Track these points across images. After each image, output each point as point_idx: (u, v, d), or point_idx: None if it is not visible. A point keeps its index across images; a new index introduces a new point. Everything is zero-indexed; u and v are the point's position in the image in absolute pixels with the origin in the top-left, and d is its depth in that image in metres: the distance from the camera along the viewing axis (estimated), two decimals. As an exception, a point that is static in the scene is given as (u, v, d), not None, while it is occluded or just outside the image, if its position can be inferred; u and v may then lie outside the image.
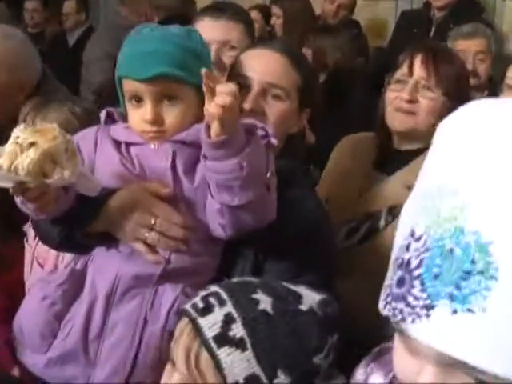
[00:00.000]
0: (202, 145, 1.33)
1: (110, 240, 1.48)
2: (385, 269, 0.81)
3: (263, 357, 1.01)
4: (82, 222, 1.45)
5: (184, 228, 1.45)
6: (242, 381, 1.01)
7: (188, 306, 1.09)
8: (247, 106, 1.57)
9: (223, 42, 2.03)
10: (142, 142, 1.49)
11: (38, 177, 1.28)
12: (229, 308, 1.05)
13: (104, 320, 1.46)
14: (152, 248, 1.45)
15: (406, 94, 1.94)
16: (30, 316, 1.51)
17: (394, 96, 1.99)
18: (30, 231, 1.89)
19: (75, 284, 1.50)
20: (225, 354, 1.02)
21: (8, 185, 1.31)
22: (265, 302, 1.05)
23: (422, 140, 1.93)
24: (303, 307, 1.06)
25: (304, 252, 1.50)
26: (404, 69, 2.00)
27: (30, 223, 1.78)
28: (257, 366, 1.01)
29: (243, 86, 1.58)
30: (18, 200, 1.39)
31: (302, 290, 1.10)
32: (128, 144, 1.50)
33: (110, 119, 1.55)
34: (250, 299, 1.05)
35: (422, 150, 1.92)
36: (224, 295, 1.07)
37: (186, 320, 1.09)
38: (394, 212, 1.92)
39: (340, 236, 1.97)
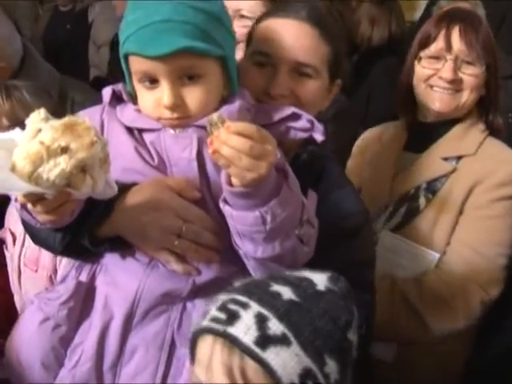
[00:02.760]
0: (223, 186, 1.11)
1: (123, 245, 1.23)
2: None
3: (309, 346, 0.94)
4: (88, 225, 1.20)
5: (216, 235, 1.21)
6: (297, 380, 0.93)
7: (207, 323, 0.98)
8: (275, 91, 1.36)
9: (232, 10, 1.69)
10: (158, 128, 1.23)
11: (62, 189, 1.02)
12: (256, 308, 0.96)
13: (121, 344, 1.22)
14: (181, 258, 1.21)
15: (447, 73, 1.79)
16: (28, 342, 1.26)
17: (430, 73, 1.83)
18: (9, 237, 1.66)
19: (82, 300, 1.25)
20: (272, 355, 0.92)
21: (18, 192, 1.05)
22: (286, 292, 0.98)
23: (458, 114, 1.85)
24: (320, 287, 1.00)
25: (347, 248, 1.35)
26: (439, 43, 1.81)
27: (8, 227, 1.51)
28: (306, 358, 0.94)
29: (266, 64, 1.38)
30: (19, 205, 1.13)
31: (306, 273, 1.04)
32: (141, 130, 1.25)
33: (114, 99, 1.29)
34: (272, 293, 0.98)
35: (457, 121, 1.85)
36: (242, 298, 0.98)
37: (210, 338, 0.97)
38: (433, 187, 1.82)
39: (378, 225, 1.87)
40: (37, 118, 1.03)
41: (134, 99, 1.27)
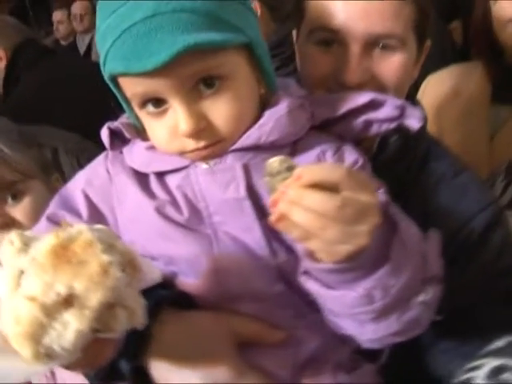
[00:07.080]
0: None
1: None
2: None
3: None
4: (126, 354, 0.81)
5: None
6: None
7: None
8: (350, 79, 0.99)
9: None
10: (184, 165, 0.87)
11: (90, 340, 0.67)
12: None
13: None
14: None
15: None
16: None
17: None
18: None
19: None
20: None
21: (28, 378, 0.71)
22: None
23: None
24: None
25: (482, 257, 1.02)
26: None
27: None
28: None
29: (333, 42, 1.02)
30: None
31: None
32: (160, 174, 0.89)
33: (117, 139, 0.93)
34: None
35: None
36: None
37: None
38: None
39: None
40: (12, 252, 0.66)
41: (143, 132, 0.91)
